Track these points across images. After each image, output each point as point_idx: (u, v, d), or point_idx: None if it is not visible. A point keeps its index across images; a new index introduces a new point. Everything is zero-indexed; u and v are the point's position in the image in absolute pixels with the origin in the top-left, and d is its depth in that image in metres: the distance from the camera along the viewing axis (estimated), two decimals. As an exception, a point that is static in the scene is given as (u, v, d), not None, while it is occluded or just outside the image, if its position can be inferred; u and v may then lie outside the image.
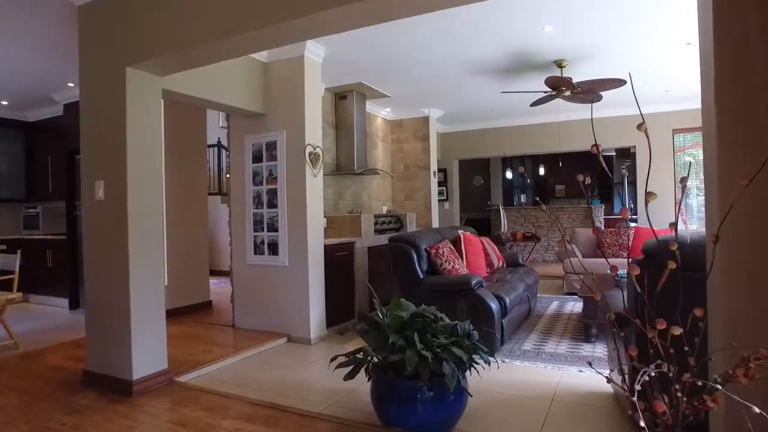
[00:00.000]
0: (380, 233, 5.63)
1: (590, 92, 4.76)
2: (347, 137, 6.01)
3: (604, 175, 11.47)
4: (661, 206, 7.21)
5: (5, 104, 6.17)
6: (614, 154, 10.04)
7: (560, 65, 4.85)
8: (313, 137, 4.47)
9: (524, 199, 12.31)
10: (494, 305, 3.85)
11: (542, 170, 12.18)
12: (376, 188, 7.10)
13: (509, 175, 12.35)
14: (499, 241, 7.17)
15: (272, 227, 4.55)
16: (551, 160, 11.61)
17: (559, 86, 4.62)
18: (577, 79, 4.91)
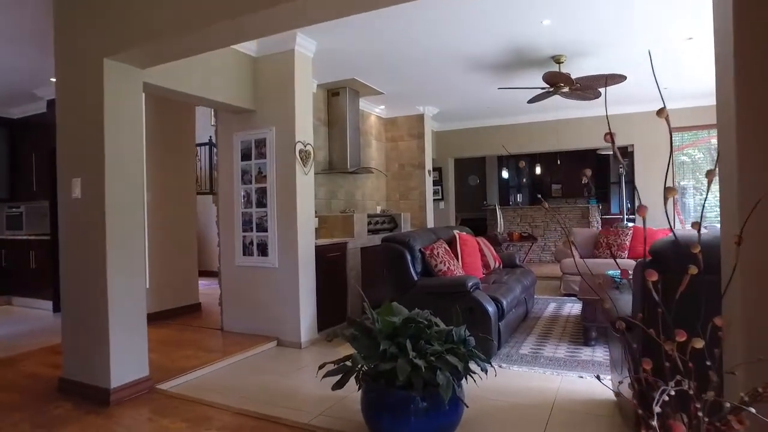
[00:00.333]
0: (374, 233, 5.48)
1: (589, 88, 4.64)
2: (340, 135, 5.86)
3: (601, 174, 11.38)
4: (658, 206, 7.12)
5: (-13, 101, 6.00)
6: (611, 153, 9.93)
7: (558, 61, 4.72)
8: (303, 134, 4.32)
9: (520, 198, 12.19)
10: (491, 308, 3.72)
11: (539, 169, 12.08)
12: (369, 187, 6.96)
13: (505, 174, 12.23)
14: (495, 241, 7.05)
15: (261, 227, 4.40)
16: (548, 159, 11.52)
17: (557, 82, 4.49)
18: (575, 75, 4.78)
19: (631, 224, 7.16)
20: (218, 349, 4.07)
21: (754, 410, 1.04)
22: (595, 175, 11.33)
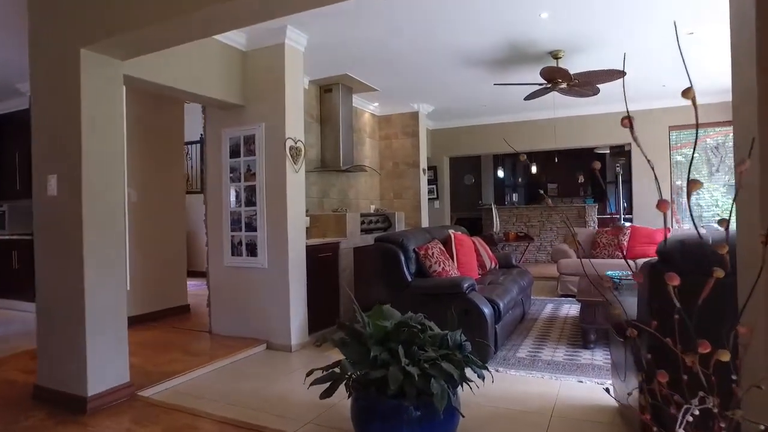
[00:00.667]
0: (367, 233, 5.35)
1: (587, 84, 4.53)
2: (333, 132, 5.73)
3: (600, 173, 11.28)
4: (654, 205, 7.02)
5: (-31, 96, 5.82)
6: (608, 152, 9.87)
7: (556, 56, 4.61)
8: (294, 130, 4.18)
9: (516, 198, 12.10)
10: (487, 310, 3.60)
11: (534, 168, 11.99)
12: (363, 186, 6.83)
13: (501, 173, 12.13)
14: (491, 241, 6.93)
15: (251, 226, 4.26)
16: (544, 158, 11.42)
17: (554, 78, 4.37)
18: (573, 72, 4.67)
19: (628, 224, 7.07)
20: (205, 352, 3.93)
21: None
22: (591, 174, 11.24)
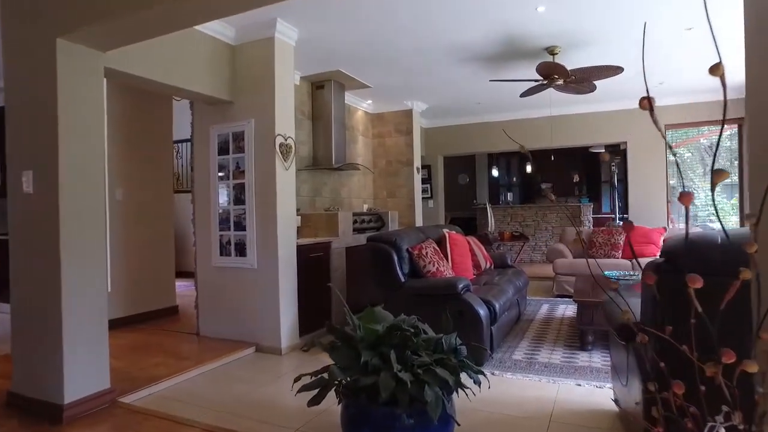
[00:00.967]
0: (359, 232, 5.24)
1: (584, 81, 4.44)
2: (325, 130, 5.61)
3: (592, 173, 11.24)
4: (650, 205, 6.97)
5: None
6: (603, 150, 9.80)
7: (552, 52, 4.52)
8: (284, 127, 4.07)
9: (511, 197, 12.03)
10: (482, 311, 3.50)
11: (529, 168, 11.91)
12: (356, 185, 6.72)
13: (495, 173, 12.06)
14: (486, 240, 6.84)
15: (239, 226, 4.14)
16: (538, 157, 11.35)
17: (551, 74, 4.28)
18: (569, 68, 4.58)
19: (622, 223, 7.00)
20: (192, 356, 3.81)
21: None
22: (585, 174, 11.20)
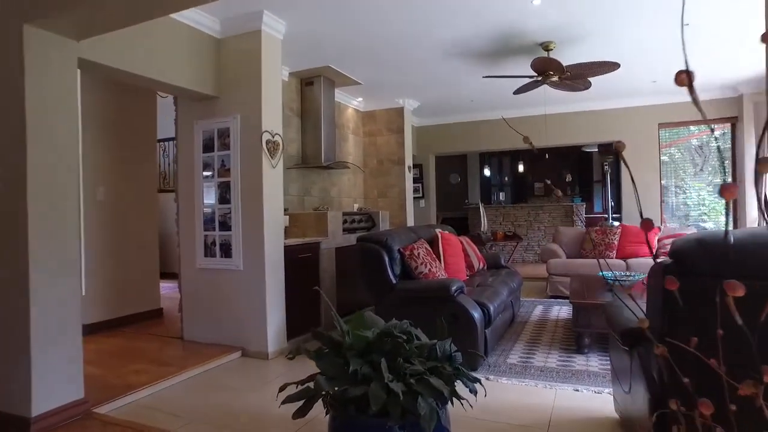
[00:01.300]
0: (350, 232, 5.11)
1: (580, 77, 4.35)
2: (314, 127, 5.47)
3: (584, 172, 11.19)
4: (643, 204, 6.89)
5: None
6: (596, 150, 9.76)
7: (547, 48, 4.42)
8: (271, 123, 3.93)
9: (503, 197, 11.95)
10: (477, 314, 3.38)
11: (521, 167, 11.85)
12: (346, 184, 6.58)
13: (487, 172, 11.97)
14: (479, 240, 6.74)
15: (225, 225, 3.99)
16: (531, 156, 11.28)
17: (546, 70, 4.18)
18: (564, 65, 4.48)
19: (617, 223, 6.94)
20: (175, 361, 3.65)
21: None
22: (577, 173, 11.14)
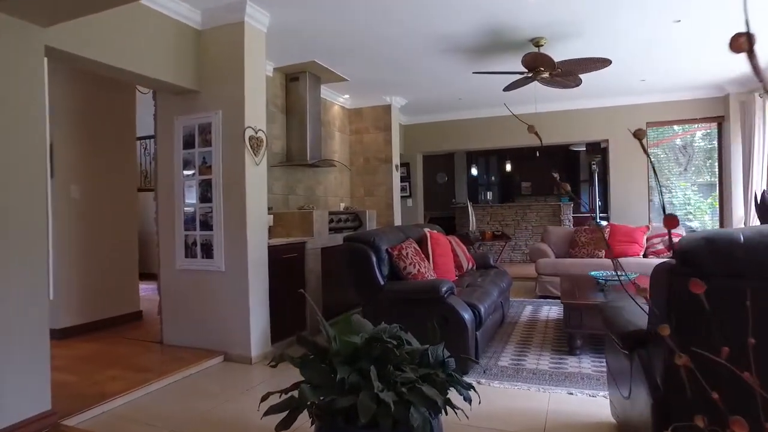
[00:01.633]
0: (336, 232, 4.98)
1: (571, 74, 4.28)
2: (299, 124, 5.33)
3: (572, 172, 11.19)
4: (631, 204, 6.90)
5: None
6: (584, 149, 9.75)
7: (537, 44, 4.34)
8: (254, 119, 3.79)
9: (490, 196, 11.90)
10: (467, 315, 3.28)
11: (509, 166, 11.82)
12: (332, 182, 6.45)
13: (474, 171, 11.91)
14: (467, 240, 6.65)
15: (206, 225, 3.84)
16: (518, 156, 11.25)
17: (537, 66, 4.10)
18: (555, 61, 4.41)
19: (605, 222, 6.91)
20: (153, 367, 3.49)
21: None
22: (565, 173, 11.13)
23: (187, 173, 3.92)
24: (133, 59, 3.31)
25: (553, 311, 5.00)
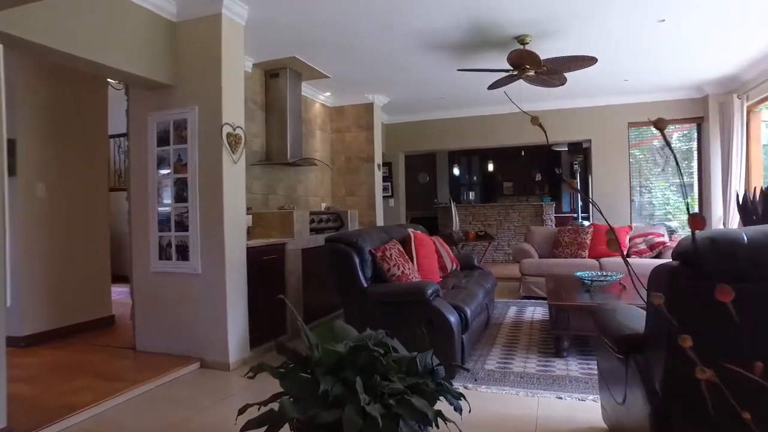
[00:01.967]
0: (317, 232, 4.85)
1: (556, 73, 4.22)
2: (279, 122, 5.18)
3: (553, 171, 11.24)
4: (613, 204, 6.91)
5: None
6: (566, 149, 9.79)
7: (522, 42, 4.28)
8: (232, 115, 3.64)
9: (472, 196, 11.88)
10: (453, 318, 3.19)
11: (491, 166, 11.81)
12: (313, 182, 6.31)
13: (456, 171, 11.88)
14: (450, 240, 6.58)
15: (182, 225, 3.67)
16: (500, 155, 11.26)
17: (523, 63, 4.04)
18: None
19: (587, 222, 6.91)
20: (125, 375, 3.30)
21: None
22: (547, 172, 11.18)
23: (161, 172, 3.75)
24: (101, 50, 3.12)
25: (537, 312, 4.95)
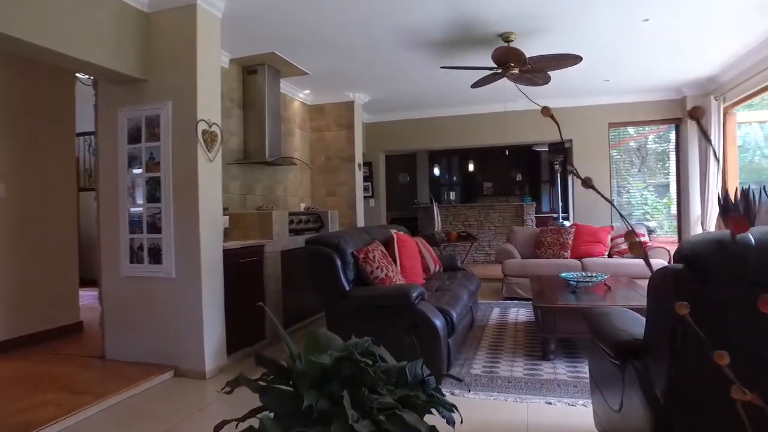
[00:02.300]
0: (296, 234, 4.70)
1: (540, 71, 4.17)
2: (257, 120, 5.02)
3: (533, 172, 11.29)
4: (594, 203, 6.92)
5: None
6: (547, 149, 9.82)
7: (507, 39, 4.21)
8: (208, 111, 3.48)
9: (453, 196, 11.85)
10: (439, 322, 3.09)
11: (471, 166, 11.79)
12: (292, 182, 6.15)
13: (437, 171, 11.83)
14: (433, 241, 6.50)
15: (154, 227, 3.49)
16: (479, 155, 11.25)
17: (507, 61, 3.97)
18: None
19: (567, 222, 6.92)
20: (92, 387, 3.10)
21: None
22: (527, 172, 11.22)
23: (132, 171, 3.56)
24: (66, 41, 2.93)
25: (521, 313, 4.90)
